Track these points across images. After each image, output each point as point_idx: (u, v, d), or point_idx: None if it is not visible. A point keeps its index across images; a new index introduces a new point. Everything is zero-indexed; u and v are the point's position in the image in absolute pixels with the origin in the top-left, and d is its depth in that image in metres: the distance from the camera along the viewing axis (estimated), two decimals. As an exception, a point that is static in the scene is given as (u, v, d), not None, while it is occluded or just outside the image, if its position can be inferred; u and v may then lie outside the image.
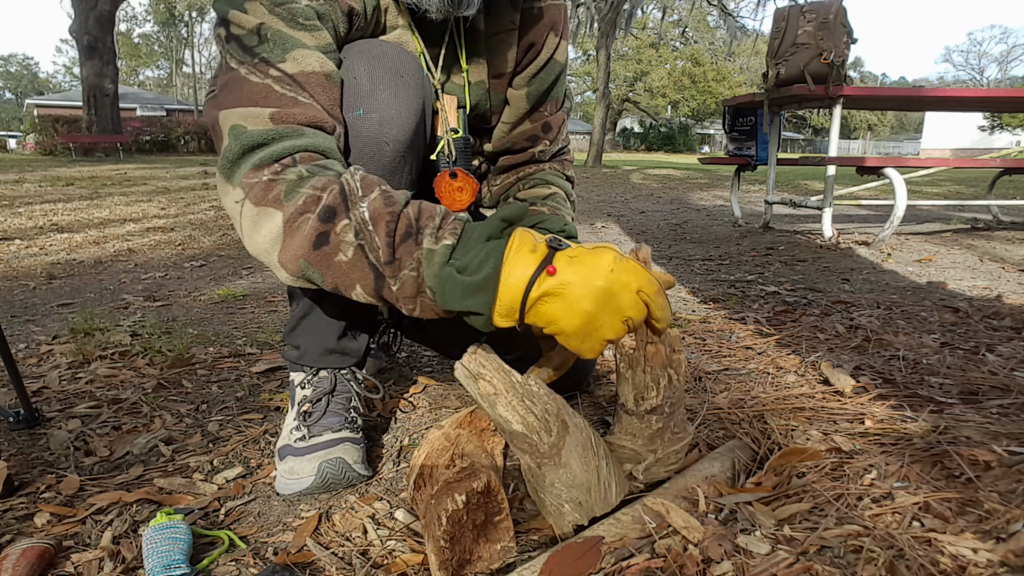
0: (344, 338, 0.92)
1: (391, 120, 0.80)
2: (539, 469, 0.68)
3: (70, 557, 0.69)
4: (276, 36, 0.73)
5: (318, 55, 0.74)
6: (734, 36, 18.49)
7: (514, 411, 0.66)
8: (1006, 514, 0.63)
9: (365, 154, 0.80)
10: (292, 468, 0.84)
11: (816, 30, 2.98)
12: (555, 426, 0.67)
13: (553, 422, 0.67)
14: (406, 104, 0.82)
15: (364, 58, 0.81)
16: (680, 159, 24.73)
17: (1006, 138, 31.64)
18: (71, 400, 1.17)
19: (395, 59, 0.83)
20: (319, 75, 0.74)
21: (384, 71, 0.81)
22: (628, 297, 0.62)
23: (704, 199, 6.24)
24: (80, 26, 13.08)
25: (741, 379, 1.18)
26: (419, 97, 0.84)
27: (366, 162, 0.81)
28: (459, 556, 0.63)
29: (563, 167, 1.11)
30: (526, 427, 0.66)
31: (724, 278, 2.28)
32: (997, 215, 3.99)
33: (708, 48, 38.09)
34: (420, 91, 0.84)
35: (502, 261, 0.61)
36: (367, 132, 0.80)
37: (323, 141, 0.72)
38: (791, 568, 0.58)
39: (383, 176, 0.81)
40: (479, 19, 0.94)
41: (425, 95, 0.86)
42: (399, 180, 0.85)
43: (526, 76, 1.00)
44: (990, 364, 1.18)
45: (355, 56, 0.81)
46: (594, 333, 0.62)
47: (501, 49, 0.97)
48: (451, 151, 0.94)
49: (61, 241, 3.29)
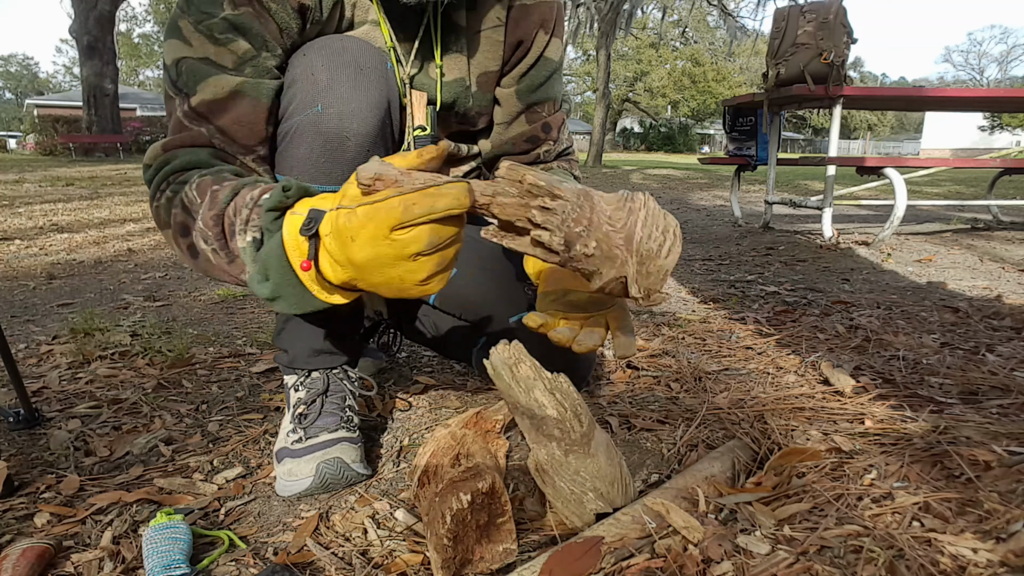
0: (331, 337, 0.92)
1: (351, 114, 0.79)
2: (565, 457, 0.69)
3: (70, 557, 0.69)
4: (189, 70, 0.77)
5: (227, 77, 0.77)
6: (734, 36, 18.49)
7: (551, 396, 0.68)
8: (1006, 514, 0.63)
9: (328, 150, 0.80)
10: (290, 470, 0.84)
11: (816, 30, 2.98)
12: (586, 419, 0.70)
13: (585, 416, 0.70)
14: (366, 97, 0.81)
15: (323, 53, 0.80)
16: (680, 159, 24.73)
17: (1006, 138, 31.65)
18: (71, 400, 1.17)
19: (356, 53, 0.81)
20: (224, 97, 0.77)
21: (343, 65, 0.80)
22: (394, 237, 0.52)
23: (704, 199, 6.24)
24: (80, 26, 13.08)
25: (741, 379, 1.18)
26: (381, 90, 0.83)
27: (329, 158, 0.80)
28: (461, 556, 0.63)
29: (571, 166, 1.08)
30: (561, 414, 0.68)
31: (724, 278, 2.28)
32: (997, 215, 3.99)
33: (708, 48, 38.09)
34: (383, 84, 0.83)
35: (284, 259, 0.58)
36: (327, 127, 0.79)
37: (194, 157, 0.75)
38: (791, 568, 0.58)
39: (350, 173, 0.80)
40: (460, 14, 0.91)
41: (390, 88, 0.85)
42: None
43: (515, 75, 0.98)
44: (990, 364, 1.18)
45: (314, 52, 0.81)
46: (388, 271, 0.54)
47: (487, 46, 0.94)
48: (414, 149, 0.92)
49: (61, 241, 3.29)
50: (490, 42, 0.94)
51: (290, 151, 0.80)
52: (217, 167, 0.76)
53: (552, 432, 0.69)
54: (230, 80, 0.77)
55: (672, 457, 0.88)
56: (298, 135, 0.79)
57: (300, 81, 0.80)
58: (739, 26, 18.09)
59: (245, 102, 0.77)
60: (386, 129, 0.85)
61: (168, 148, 0.77)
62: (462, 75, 0.94)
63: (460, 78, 0.94)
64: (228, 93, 0.77)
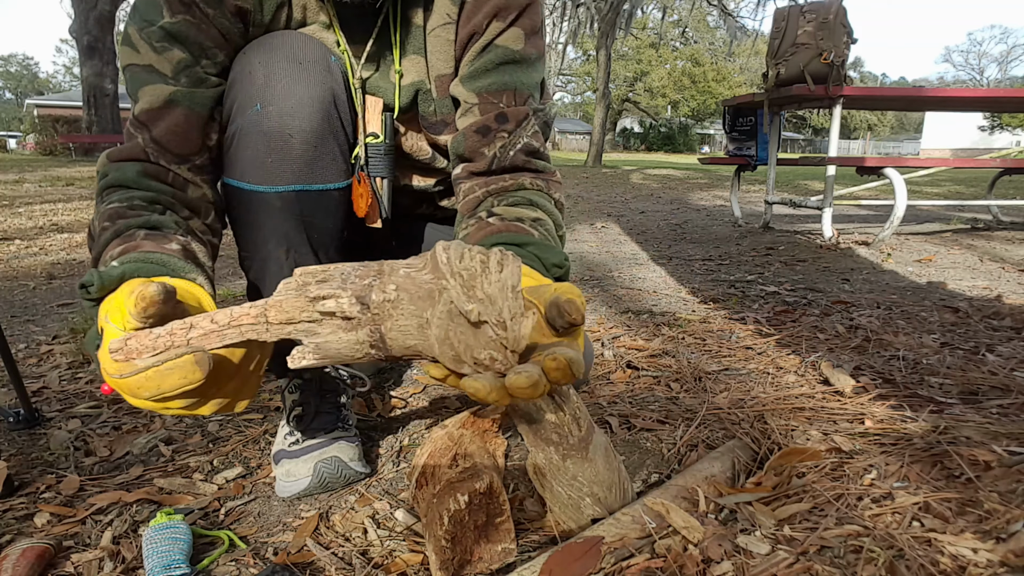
0: None
1: (292, 111, 0.77)
2: (563, 461, 0.69)
3: (70, 557, 0.69)
4: (133, 78, 0.77)
5: (160, 86, 0.76)
6: (734, 36, 18.50)
7: (548, 399, 0.68)
8: (1006, 514, 0.63)
9: (273, 149, 0.78)
10: (289, 471, 0.84)
11: (816, 30, 2.98)
12: (584, 423, 0.69)
13: (583, 420, 0.69)
14: (307, 92, 0.78)
15: (260, 50, 0.78)
16: (680, 159, 24.73)
17: (1006, 138, 31.64)
18: (71, 400, 1.17)
19: (293, 47, 0.78)
20: (159, 106, 0.76)
21: (280, 60, 0.77)
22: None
23: (704, 199, 6.24)
24: (80, 26, 13.07)
25: (741, 379, 1.18)
26: (324, 84, 0.79)
27: (276, 157, 0.78)
28: (460, 556, 0.63)
29: (548, 186, 0.85)
30: (559, 418, 0.67)
31: (724, 278, 2.28)
32: (997, 215, 3.99)
33: (708, 48, 38.10)
34: (326, 77, 0.79)
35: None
36: (268, 126, 0.77)
37: (122, 175, 0.75)
38: (791, 568, 0.58)
39: (301, 171, 0.79)
40: (416, 12, 0.85)
41: (335, 82, 0.81)
42: (321, 172, 0.81)
43: (464, 64, 0.86)
44: (990, 364, 1.18)
45: (252, 50, 0.79)
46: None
47: (439, 46, 0.86)
48: (365, 156, 0.87)
49: (61, 241, 3.29)
50: (442, 41, 0.86)
51: (237, 154, 0.78)
52: (130, 193, 0.74)
53: (550, 436, 0.68)
54: (165, 89, 0.76)
55: (672, 457, 0.88)
56: (242, 137, 0.78)
57: (239, 82, 0.78)
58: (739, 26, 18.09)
59: (178, 111, 0.76)
60: (334, 124, 0.81)
61: (111, 159, 0.77)
62: (421, 77, 0.87)
63: (419, 80, 0.87)
64: (163, 102, 0.76)
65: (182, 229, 0.74)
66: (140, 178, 0.75)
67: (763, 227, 3.69)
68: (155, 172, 0.76)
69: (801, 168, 12.41)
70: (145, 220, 0.71)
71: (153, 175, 0.76)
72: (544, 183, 0.85)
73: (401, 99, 0.88)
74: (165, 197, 0.76)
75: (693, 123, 41.82)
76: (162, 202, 0.75)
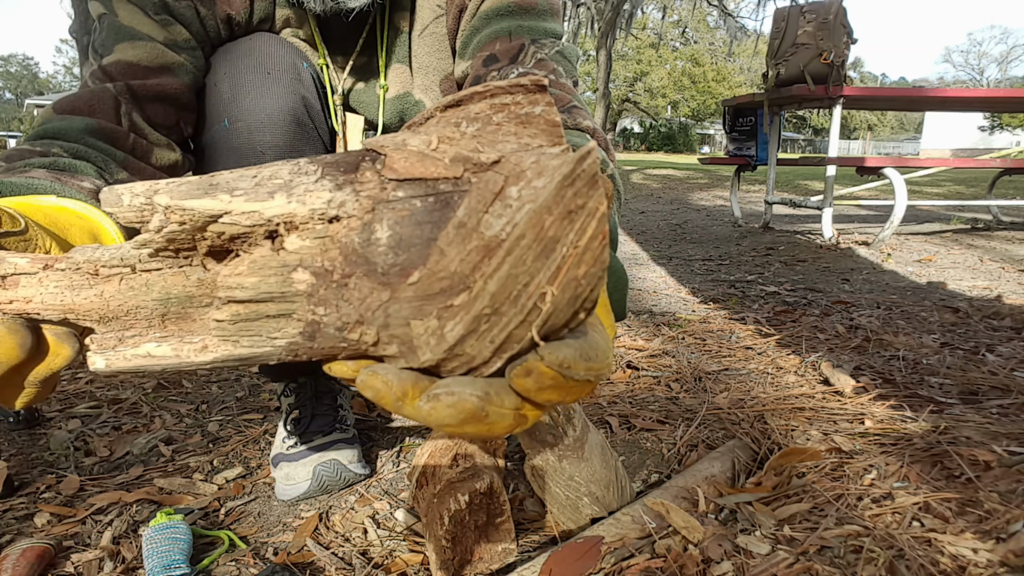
0: None
1: (260, 126, 0.71)
2: (559, 462, 0.69)
3: (70, 557, 0.69)
4: (109, 27, 0.66)
5: (157, 47, 0.67)
6: (734, 36, 18.49)
7: None
8: (1006, 514, 0.63)
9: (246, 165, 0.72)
10: (288, 474, 0.84)
11: (816, 30, 2.98)
12: (579, 423, 0.69)
13: (577, 419, 0.69)
14: (276, 104, 0.72)
15: (225, 60, 0.73)
16: (680, 159, 24.72)
17: (1006, 138, 31.64)
18: (71, 400, 1.17)
19: (261, 54, 0.73)
20: (150, 66, 0.67)
21: (247, 71, 0.72)
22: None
23: (704, 199, 6.23)
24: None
25: (741, 379, 1.18)
26: (294, 93, 0.73)
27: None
28: (460, 556, 0.63)
29: (572, 117, 0.62)
30: (553, 419, 0.68)
31: (724, 278, 2.28)
32: (997, 215, 3.99)
33: (708, 48, 38.10)
34: (296, 86, 0.74)
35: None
36: (239, 143, 0.71)
37: (62, 125, 0.61)
38: (791, 568, 0.58)
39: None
40: (402, 16, 0.79)
41: (306, 89, 0.76)
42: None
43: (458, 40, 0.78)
44: (990, 364, 1.18)
45: (217, 59, 0.74)
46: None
47: (435, 44, 0.80)
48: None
49: (61, 241, 3.29)
50: (436, 38, 0.80)
51: (212, 168, 0.74)
52: (61, 145, 0.59)
53: (545, 438, 0.68)
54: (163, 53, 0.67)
55: (672, 457, 0.88)
56: (214, 152, 0.74)
57: (208, 94, 0.73)
58: (739, 26, 18.08)
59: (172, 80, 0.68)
60: (309, 134, 0.76)
61: (57, 110, 0.63)
62: (406, 89, 0.83)
63: (405, 92, 0.83)
64: (158, 65, 0.67)
65: (112, 182, 0.59)
66: (84, 135, 0.61)
67: (763, 227, 3.69)
68: (110, 133, 0.63)
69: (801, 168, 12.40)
70: (52, 161, 0.55)
71: (106, 135, 0.62)
72: (569, 115, 0.62)
73: (385, 115, 0.83)
74: (109, 162, 0.61)
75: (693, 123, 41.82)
76: (98, 164, 0.60)
